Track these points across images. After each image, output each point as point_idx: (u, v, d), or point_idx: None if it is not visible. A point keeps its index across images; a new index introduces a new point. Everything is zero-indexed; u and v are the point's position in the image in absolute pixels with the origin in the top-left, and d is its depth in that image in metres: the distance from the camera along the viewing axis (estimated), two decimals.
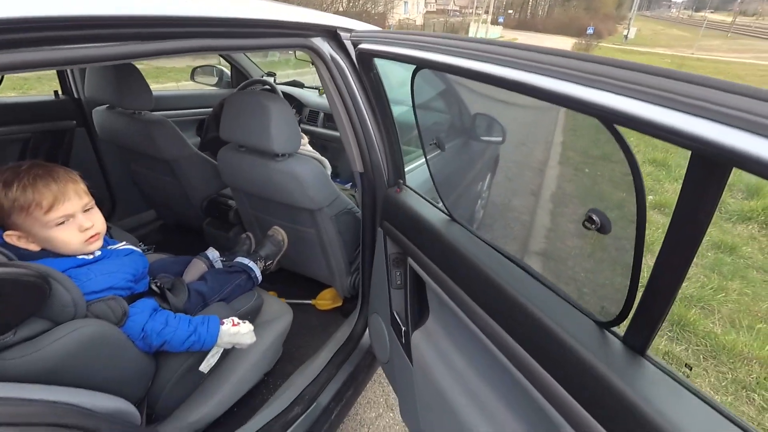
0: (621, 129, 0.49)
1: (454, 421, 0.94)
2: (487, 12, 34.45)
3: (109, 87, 1.56)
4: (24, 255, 0.82)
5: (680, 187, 0.47)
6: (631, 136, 0.52)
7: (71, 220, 0.87)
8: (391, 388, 1.93)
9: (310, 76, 2.98)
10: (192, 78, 2.82)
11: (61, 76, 1.94)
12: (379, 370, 1.95)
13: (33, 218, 0.82)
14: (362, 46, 1.02)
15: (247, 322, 1.11)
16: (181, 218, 2.21)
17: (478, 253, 0.87)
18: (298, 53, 2.36)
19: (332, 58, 1.19)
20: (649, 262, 0.51)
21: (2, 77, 1.81)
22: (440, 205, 1.12)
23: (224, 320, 1.06)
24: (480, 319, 0.83)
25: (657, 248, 0.51)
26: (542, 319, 0.69)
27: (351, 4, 21.41)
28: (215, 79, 2.83)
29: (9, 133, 1.76)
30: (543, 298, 0.73)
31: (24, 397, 0.60)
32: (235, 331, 1.06)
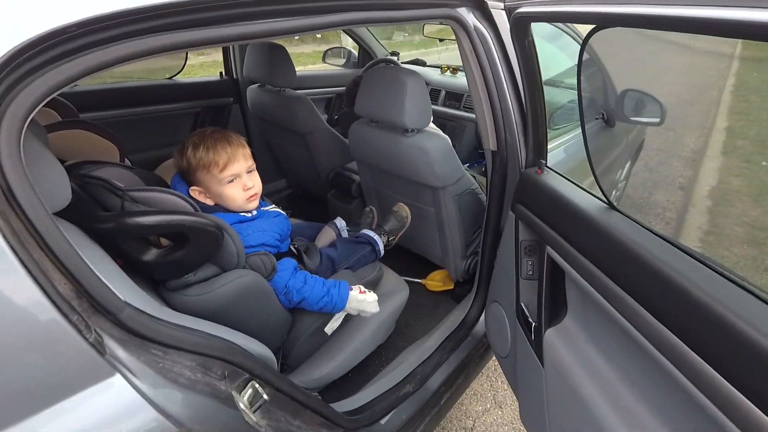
0: None
1: None
2: None
3: (264, 66, 1.77)
4: (202, 208, 0.94)
5: None
6: None
7: (238, 179, 0.97)
8: (500, 384, 1.86)
9: (434, 55, 2.93)
10: (324, 59, 2.98)
11: (226, 60, 2.25)
12: (489, 363, 1.90)
13: (211, 175, 0.94)
14: (521, 10, 0.94)
15: (371, 291, 1.15)
16: (308, 188, 2.40)
17: (646, 246, 0.74)
18: (426, 30, 2.34)
19: (476, 28, 1.14)
20: None
21: (184, 64, 2.14)
22: (590, 188, 1.00)
23: (352, 287, 1.11)
24: (646, 324, 0.70)
25: None
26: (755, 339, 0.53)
27: None
28: (343, 60, 2.95)
29: (186, 108, 2.11)
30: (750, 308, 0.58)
31: (206, 331, 0.69)
32: (362, 298, 1.10)
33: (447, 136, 1.65)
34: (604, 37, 0.72)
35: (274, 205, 1.12)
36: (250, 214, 1.01)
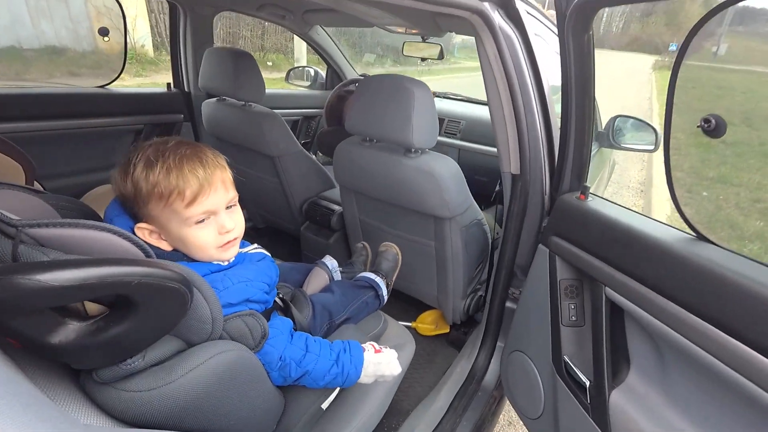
0: None
1: None
2: None
3: (226, 77, 1.49)
4: (156, 254, 0.64)
5: None
6: None
7: (212, 218, 0.68)
8: None
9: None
10: (286, 80, 2.74)
11: (175, 69, 1.92)
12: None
13: (171, 210, 0.64)
14: None
15: (387, 347, 0.87)
16: (275, 221, 2.08)
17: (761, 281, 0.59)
18: (407, 49, 2.18)
19: (501, 28, 0.96)
20: None
21: (120, 71, 1.81)
22: (650, 215, 0.83)
23: (363, 346, 0.84)
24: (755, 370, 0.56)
25: None
26: None
27: None
28: (309, 81, 2.73)
29: (124, 123, 1.73)
30: None
31: None
32: (379, 360, 0.83)
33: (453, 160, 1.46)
34: None
35: (255, 245, 0.83)
36: (226, 262, 0.71)
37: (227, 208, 0.70)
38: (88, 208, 0.67)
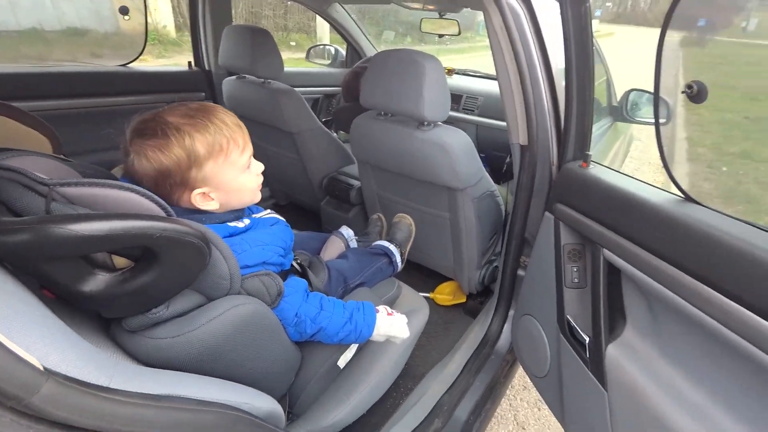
0: None
1: None
2: None
3: (245, 54, 1.52)
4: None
5: None
6: None
7: (251, 162, 0.74)
8: (519, 402, 1.67)
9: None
10: (307, 58, 2.76)
11: (195, 48, 1.95)
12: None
13: (229, 162, 0.68)
14: None
15: (399, 312, 0.92)
16: (296, 197, 2.13)
17: (752, 242, 0.61)
18: (425, 26, 2.15)
19: (508, 3, 0.97)
20: None
21: (142, 49, 1.86)
22: (648, 181, 0.85)
23: (378, 308, 0.88)
24: (744, 323, 0.58)
25: None
26: None
27: None
28: (329, 60, 2.74)
29: (147, 101, 1.76)
30: None
31: (190, 395, 0.44)
32: (391, 321, 0.87)
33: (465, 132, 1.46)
34: None
35: (269, 210, 0.88)
36: (242, 224, 0.75)
37: None
38: (113, 176, 0.73)
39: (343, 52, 2.69)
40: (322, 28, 8.06)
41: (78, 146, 1.55)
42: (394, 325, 0.87)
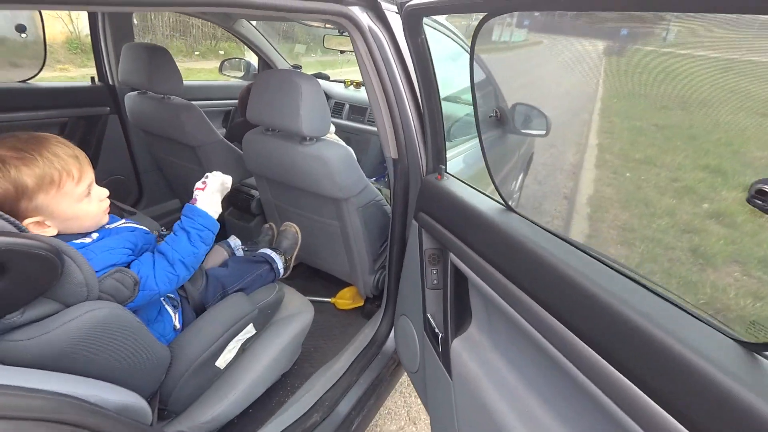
0: None
1: None
2: (512, 15, 33.87)
3: (142, 70, 1.55)
4: None
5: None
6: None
7: (92, 190, 0.79)
8: (413, 399, 1.82)
9: (337, 69, 2.94)
10: (220, 71, 2.79)
11: (98, 63, 1.93)
12: (402, 379, 1.84)
13: (63, 193, 0.74)
14: (413, 3, 0.92)
15: (212, 173, 1.01)
16: None
17: (544, 245, 0.74)
18: (327, 42, 2.30)
19: (370, 29, 1.11)
20: None
21: (43, 63, 1.81)
22: (489, 192, 1.01)
23: (194, 198, 0.97)
24: (542, 323, 0.69)
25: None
26: (653, 333, 0.53)
27: None
28: (242, 72, 2.79)
29: (48, 117, 1.75)
30: (645, 303, 0.59)
31: (24, 385, 0.52)
32: (205, 193, 0.97)
33: (347, 146, 1.60)
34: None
35: (124, 220, 0.94)
36: (89, 239, 0.81)
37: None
38: None
39: (255, 64, 2.76)
40: None
41: None
42: (209, 190, 0.97)
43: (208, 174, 1.01)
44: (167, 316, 0.96)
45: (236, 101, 2.61)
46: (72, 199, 0.76)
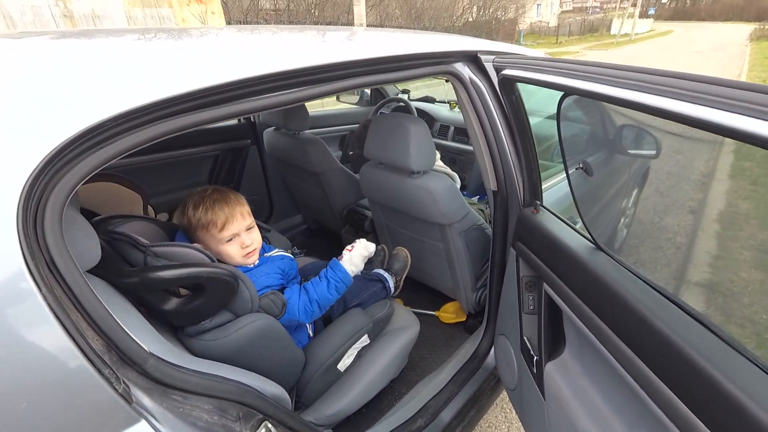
0: None
1: None
2: (634, 5, 30.69)
3: (279, 112, 1.89)
4: None
5: None
6: None
7: (236, 238, 1.04)
8: (514, 416, 1.85)
9: (441, 87, 3.06)
10: (337, 99, 3.12)
11: None
12: (503, 395, 1.89)
13: (210, 235, 1.01)
14: (506, 72, 1.03)
15: (358, 241, 1.27)
16: (322, 223, 2.49)
17: (628, 287, 0.79)
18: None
19: (471, 80, 1.22)
20: None
21: None
22: (580, 229, 1.05)
23: (341, 255, 1.23)
24: (627, 360, 0.75)
25: None
26: (709, 372, 0.59)
27: (481, 12, 21.16)
28: (357, 98, 3.09)
29: (206, 151, 2.21)
30: (710, 346, 0.63)
31: (222, 375, 0.75)
32: (349, 256, 1.23)
33: (452, 175, 1.72)
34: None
35: (277, 250, 1.21)
36: (251, 264, 1.09)
37: (247, 230, 1.06)
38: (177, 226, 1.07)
39: (368, 91, 3.04)
40: None
41: (155, 189, 1.93)
42: (357, 253, 1.23)
43: (356, 240, 1.27)
44: (304, 327, 1.20)
45: (350, 126, 2.91)
46: (216, 240, 1.02)
